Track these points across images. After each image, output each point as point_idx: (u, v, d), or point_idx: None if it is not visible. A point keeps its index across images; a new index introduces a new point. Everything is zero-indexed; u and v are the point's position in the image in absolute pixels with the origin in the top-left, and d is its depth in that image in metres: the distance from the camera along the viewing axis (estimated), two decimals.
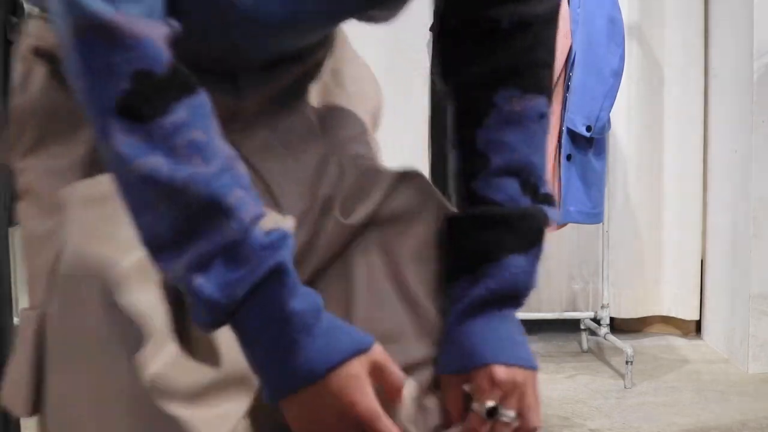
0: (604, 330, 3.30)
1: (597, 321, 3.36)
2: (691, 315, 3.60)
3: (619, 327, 3.60)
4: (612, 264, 3.44)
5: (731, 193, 3.34)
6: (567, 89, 3.00)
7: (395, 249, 0.95)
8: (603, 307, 3.32)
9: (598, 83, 2.97)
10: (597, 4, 3.01)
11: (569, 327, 3.56)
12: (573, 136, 2.99)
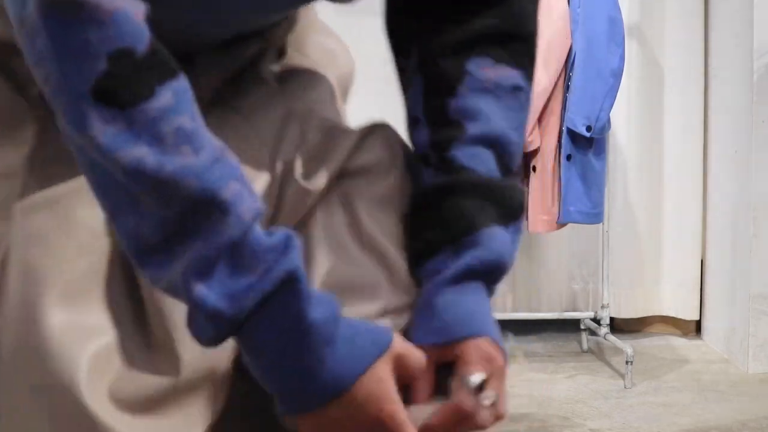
0: (604, 330, 3.30)
1: (597, 321, 3.36)
2: (691, 315, 3.60)
3: (619, 327, 3.60)
4: (612, 264, 3.44)
5: (731, 193, 3.34)
6: (567, 89, 3.00)
7: (357, 201, 0.87)
8: (603, 307, 3.32)
9: (598, 83, 2.97)
10: (597, 4, 3.01)
11: (569, 327, 3.56)
12: (573, 136, 2.99)
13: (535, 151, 3.00)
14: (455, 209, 0.86)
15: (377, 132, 0.91)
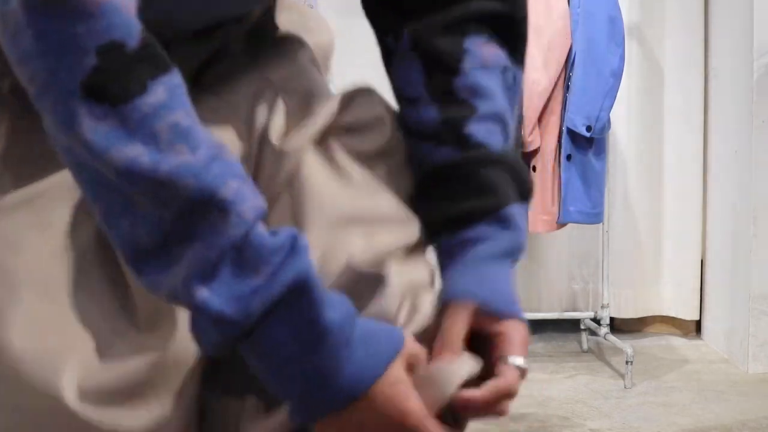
0: (604, 330, 3.30)
1: (597, 321, 3.36)
2: (691, 315, 3.60)
3: (619, 327, 3.60)
4: (612, 264, 3.43)
5: (731, 193, 3.34)
6: (567, 89, 3.00)
7: (348, 156, 0.85)
8: (603, 307, 3.32)
9: (598, 83, 2.97)
10: (597, 3, 3.01)
11: (569, 327, 3.56)
12: (573, 136, 2.99)
13: (535, 151, 3.00)
14: (489, 181, 0.85)
15: (363, 93, 0.90)
